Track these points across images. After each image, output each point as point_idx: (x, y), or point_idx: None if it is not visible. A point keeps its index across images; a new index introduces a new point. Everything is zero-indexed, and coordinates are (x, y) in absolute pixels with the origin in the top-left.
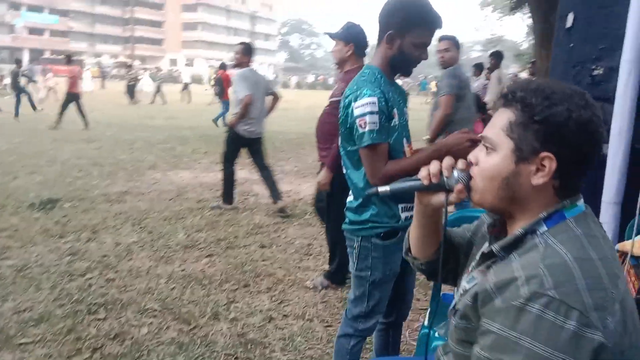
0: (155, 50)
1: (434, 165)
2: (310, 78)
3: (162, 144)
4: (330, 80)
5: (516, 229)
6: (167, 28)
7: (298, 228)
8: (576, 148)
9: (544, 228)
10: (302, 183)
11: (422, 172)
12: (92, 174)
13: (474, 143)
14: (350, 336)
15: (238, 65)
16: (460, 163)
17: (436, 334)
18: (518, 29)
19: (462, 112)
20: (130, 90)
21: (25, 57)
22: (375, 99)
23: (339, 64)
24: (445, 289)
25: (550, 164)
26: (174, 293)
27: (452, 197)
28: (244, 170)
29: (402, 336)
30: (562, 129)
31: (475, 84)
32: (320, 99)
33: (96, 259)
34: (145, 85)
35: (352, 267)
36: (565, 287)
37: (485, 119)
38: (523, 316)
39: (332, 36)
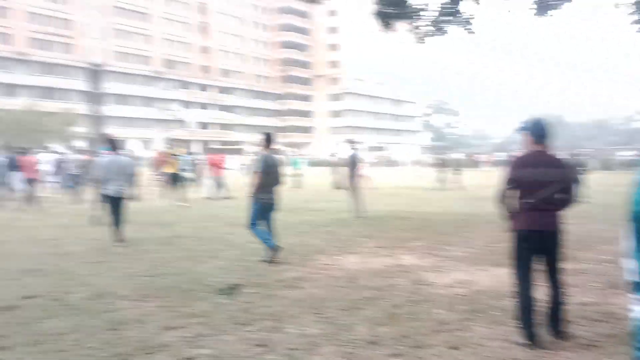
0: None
1: None
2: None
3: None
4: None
5: None
6: (315, 116)
7: (485, 326)
8: None
9: None
10: (476, 271)
11: None
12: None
13: None
14: None
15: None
16: None
17: None
18: None
19: None
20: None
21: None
22: None
23: None
24: None
25: None
26: None
27: None
28: (412, 256)
29: None
30: None
31: None
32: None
33: (283, 352)
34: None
35: None
36: None
37: None
38: None
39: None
